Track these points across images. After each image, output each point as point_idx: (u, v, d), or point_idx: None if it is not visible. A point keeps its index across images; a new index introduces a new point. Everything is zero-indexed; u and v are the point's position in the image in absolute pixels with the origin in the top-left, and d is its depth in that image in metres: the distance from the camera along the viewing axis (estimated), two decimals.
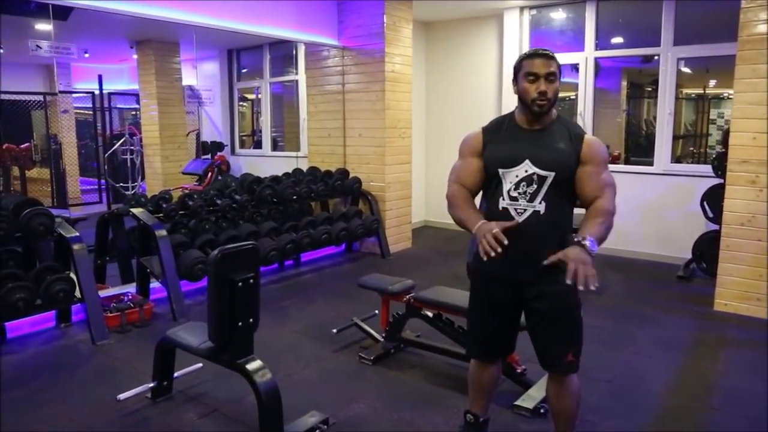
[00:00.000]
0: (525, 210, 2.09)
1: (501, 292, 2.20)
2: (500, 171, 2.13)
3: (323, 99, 6.57)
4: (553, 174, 2.07)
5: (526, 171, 2.09)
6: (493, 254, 1.92)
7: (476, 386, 2.45)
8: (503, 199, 2.12)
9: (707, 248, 5.17)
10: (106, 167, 9.07)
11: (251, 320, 2.54)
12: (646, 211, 6.01)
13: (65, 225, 3.98)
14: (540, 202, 2.08)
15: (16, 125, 8.27)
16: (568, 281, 1.87)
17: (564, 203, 2.13)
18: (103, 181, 9.10)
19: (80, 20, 5.67)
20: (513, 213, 2.10)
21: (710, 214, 5.19)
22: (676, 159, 6.30)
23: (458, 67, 7.41)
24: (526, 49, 6.70)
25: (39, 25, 5.04)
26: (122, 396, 2.89)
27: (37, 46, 3.96)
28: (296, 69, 7.59)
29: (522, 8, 6.63)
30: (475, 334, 2.37)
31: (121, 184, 9.14)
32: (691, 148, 9.11)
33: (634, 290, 5.06)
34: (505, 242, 1.93)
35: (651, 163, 6.08)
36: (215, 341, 2.52)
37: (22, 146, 7.89)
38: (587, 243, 1.94)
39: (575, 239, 1.97)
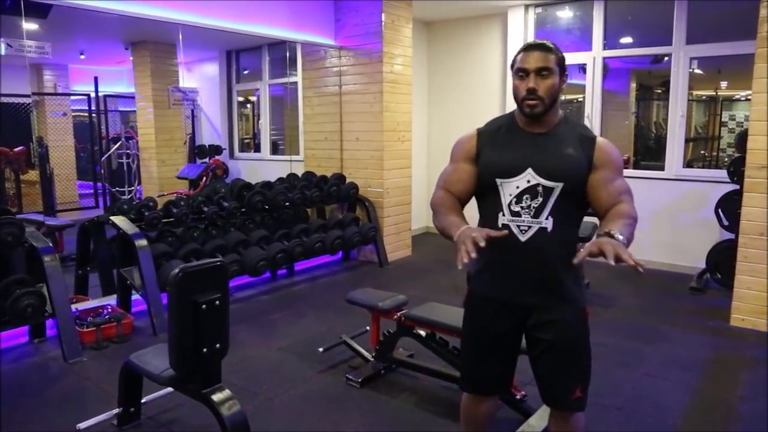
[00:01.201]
0: (529, 227, 1.80)
1: (500, 321, 1.91)
2: (498, 181, 1.84)
3: (320, 101, 6.33)
4: (560, 185, 1.79)
5: (529, 181, 1.80)
6: (466, 260, 1.59)
7: (470, 421, 2.17)
8: (503, 215, 1.83)
9: (722, 258, 4.88)
10: (102, 171, 8.90)
11: (218, 346, 2.28)
12: (657, 217, 5.73)
13: (37, 234, 3.75)
14: (547, 218, 1.79)
15: (14, 128, 8.10)
16: (612, 263, 1.53)
17: (573, 217, 1.86)
18: (100, 185, 8.93)
19: (67, 19, 5.47)
20: (515, 230, 1.81)
21: (725, 222, 4.90)
22: (687, 163, 6.02)
23: (461, 67, 7.15)
24: None
25: (27, 24, 4.83)
26: (82, 425, 2.65)
27: (8, 44, 3.73)
28: (296, 70, 7.36)
29: (527, 6, 6.37)
30: (468, 368, 2.09)
31: (117, 188, 8.97)
32: (702, 152, 8.83)
33: (644, 303, 4.77)
34: (482, 244, 1.61)
35: (661, 168, 5.80)
36: (177, 370, 2.27)
37: (16, 149, 7.70)
38: (615, 233, 1.61)
39: (599, 233, 1.66)
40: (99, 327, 3.85)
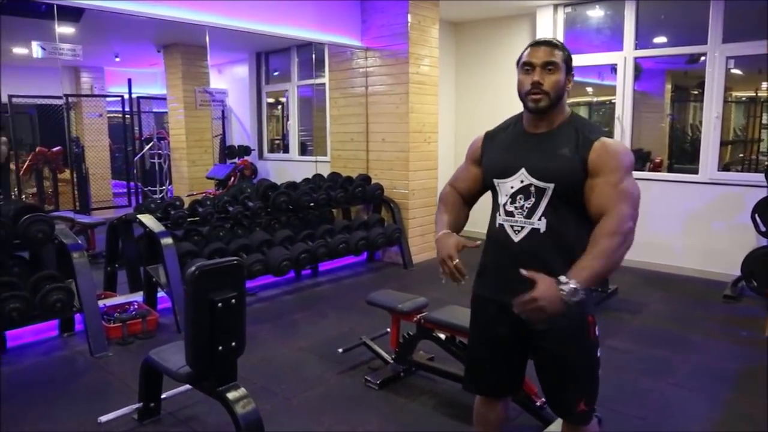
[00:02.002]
0: (522, 228, 1.79)
1: (500, 323, 1.89)
2: (495, 181, 1.87)
3: (346, 102, 6.35)
4: (552, 185, 1.74)
5: (522, 181, 1.79)
6: (444, 281, 1.84)
7: (481, 423, 2.13)
8: (499, 215, 1.85)
9: (759, 265, 4.71)
10: (135, 171, 9.08)
11: (233, 344, 2.29)
12: (690, 222, 5.57)
13: (66, 232, 3.84)
14: (540, 219, 1.76)
15: (51, 128, 8.34)
16: (515, 309, 1.61)
17: (571, 219, 1.77)
18: (133, 184, 9.13)
19: (101, 23, 5.59)
20: (509, 231, 1.82)
21: (762, 228, 4.74)
22: (724, 166, 5.83)
23: (489, 68, 7.08)
24: None
25: (62, 28, 4.94)
26: (103, 418, 2.70)
27: (42, 47, 3.83)
28: (324, 72, 7.40)
29: (556, 6, 6.27)
30: (470, 369, 2.07)
31: (150, 188, 9.14)
32: (741, 155, 8.58)
33: (675, 310, 4.63)
34: (466, 278, 1.80)
35: (695, 171, 5.63)
36: (193, 367, 2.29)
37: (54, 149, 7.92)
38: (566, 288, 1.56)
39: (561, 279, 1.59)
40: (125, 323, 3.92)
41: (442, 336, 3.09)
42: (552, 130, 1.81)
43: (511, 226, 1.81)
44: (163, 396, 2.89)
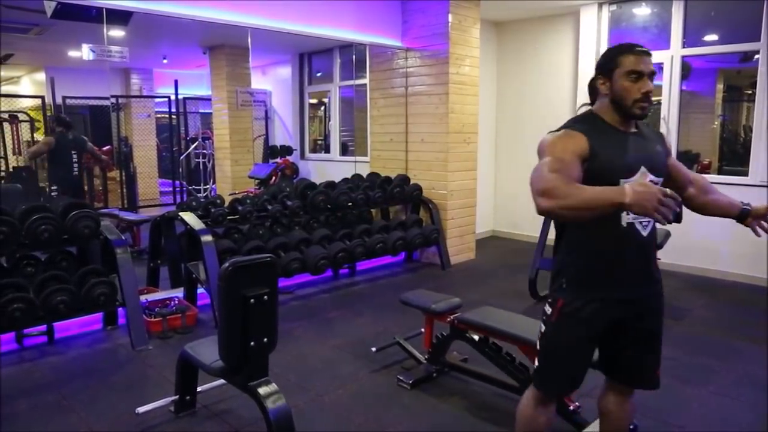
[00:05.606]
0: (648, 223, 1.90)
1: (605, 318, 1.93)
2: (622, 182, 1.78)
3: (386, 102, 6.36)
4: (661, 180, 1.92)
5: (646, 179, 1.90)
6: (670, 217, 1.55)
7: (539, 427, 2.07)
8: (627, 213, 1.84)
9: None
10: (180, 170, 9.31)
11: (265, 340, 2.33)
12: (738, 226, 5.28)
13: (111, 228, 3.97)
14: None
15: (102, 128, 8.63)
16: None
17: None
18: (178, 182, 9.36)
19: (149, 26, 5.77)
20: (639, 228, 1.88)
21: None
22: None
23: (531, 68, 6.98)
24: (603, 48, 6.20)
25: (113, 31, 5.11)
26: (141, 409, 2.77)
27: (92, 50, 3.98)
28: (366, 72, 7.43)
29: (600, 4, 6.14)
30: (559, 372, 2.01)
31: (194, 186, 9.36)
32: None
33: (720, 316, 4.48)
34: (679, 198, 1.61)
35: (746, 173, 5.42)
36: (225, 361, 2.33)
37: (104, 148, 8.17)
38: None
39: (744, 205, 2.19)
40: (165, 318, 4.03)
41: (476, 337, 3.07)
42: (640, 129, 1.95)
43: (641, 222, 1.88)
44: (198, 389, 2.95)
